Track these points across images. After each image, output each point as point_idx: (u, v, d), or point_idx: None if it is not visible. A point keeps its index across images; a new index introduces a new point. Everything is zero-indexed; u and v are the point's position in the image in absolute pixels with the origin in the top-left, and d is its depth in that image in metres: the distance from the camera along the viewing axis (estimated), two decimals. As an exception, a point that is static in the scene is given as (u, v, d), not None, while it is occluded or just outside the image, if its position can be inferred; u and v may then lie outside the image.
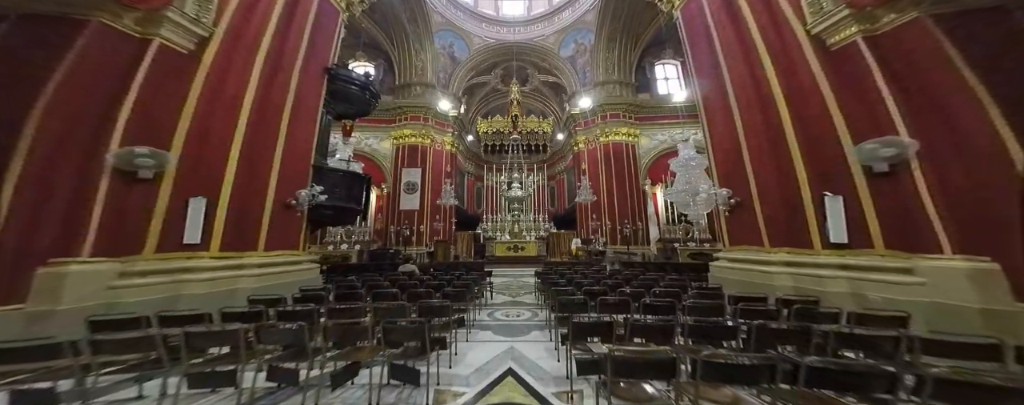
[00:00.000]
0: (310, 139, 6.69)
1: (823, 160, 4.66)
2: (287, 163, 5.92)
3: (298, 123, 6.31)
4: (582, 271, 8.25)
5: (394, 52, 16.49)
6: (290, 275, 5.79)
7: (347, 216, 7.38)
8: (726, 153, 6.28)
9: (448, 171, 16.37)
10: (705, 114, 7.05)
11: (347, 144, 12.26)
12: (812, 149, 4.80)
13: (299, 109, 6.31)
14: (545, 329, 5.46)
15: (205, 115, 4.83)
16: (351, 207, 7.20)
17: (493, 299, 8.07)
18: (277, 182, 5.67)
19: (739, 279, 5.53)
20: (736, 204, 5.82)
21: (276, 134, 5.76)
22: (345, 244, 14.76)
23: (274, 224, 5.57)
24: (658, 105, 15.93)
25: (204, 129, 4.80)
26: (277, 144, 5.75)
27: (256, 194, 5.36)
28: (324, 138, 7.53)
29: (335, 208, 6.94)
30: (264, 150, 5.56)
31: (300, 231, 6.29)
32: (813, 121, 4.76)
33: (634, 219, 14.87)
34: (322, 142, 7.50)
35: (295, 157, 6.19)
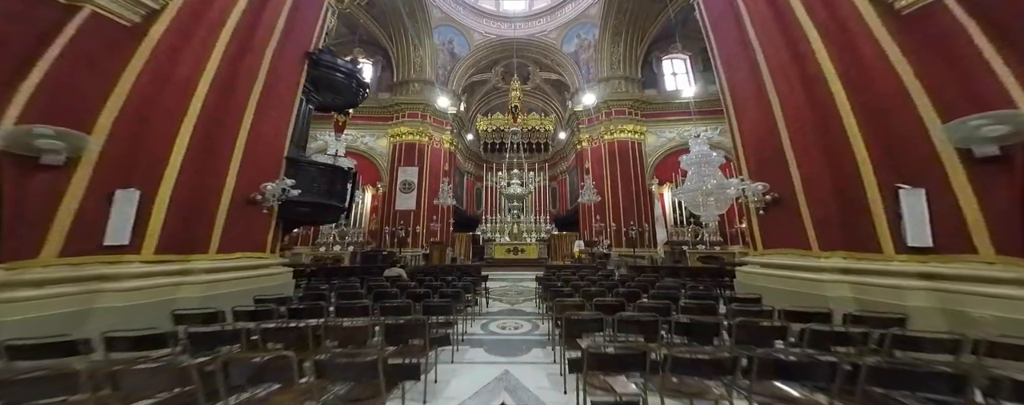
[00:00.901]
0: (284, 129, 5.80)
1: (895, 145, 3.69)
2: (253, 154, 5.02)
3: (269, 111, 5.41)
4: (588, 276, 7.27)
5: (392, 48, 15.69)
6: (252, 281, 4.86)
7: (328, 214, 6.47)
8: (759, 143, 5.31)
9: (446, 170, 15.47)
10: (731, 101, 6.09)
11: (339, 140, 11.44)
12: (879, 133, 3.83)
13: (271, 96, 5.42)
14: (547, 345, 4.51)
15: (147, 96, 3.93)
16: (332, 204, 6.28)
17: (489, 307, 7.10)
18: (239, 175, 4.76)
19: (779, 288, 4.54)
20: (773, 201, 4.85)
21: (239, 122, 4.86)
22: (338, 245, 13.89)
23: (233, 222, 4.66)
24: (666, 101, 14.98)
25: (144, 111, 3.90)
26: (240, 132, 4.84)
27: (210, 188, 4.45)
28: (303, 129, 6.64)
29: (312, 205, 6.02)
30: (223, 138, 4.66)
31: (268, 230, 5.37)
32: (880, 100, 3.80)
33: (640, 220, 13.87)
34: (301, 133, 6.60)
35: (264, 148, 5.29)
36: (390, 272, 6.87)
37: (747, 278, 5.40)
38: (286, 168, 5.73)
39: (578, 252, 13.97)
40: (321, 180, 6.18)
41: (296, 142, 6.38)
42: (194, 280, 4.13)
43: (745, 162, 5.54)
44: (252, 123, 5.03)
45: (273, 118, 5.54)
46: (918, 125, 3.49)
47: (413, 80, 15.55)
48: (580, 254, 13.85)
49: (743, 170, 5.52)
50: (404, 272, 7.00)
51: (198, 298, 4.07)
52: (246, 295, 4.41)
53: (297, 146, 6.47)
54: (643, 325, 3.15)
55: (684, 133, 14.35)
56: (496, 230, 15.81)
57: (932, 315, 3.23)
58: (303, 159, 6.15)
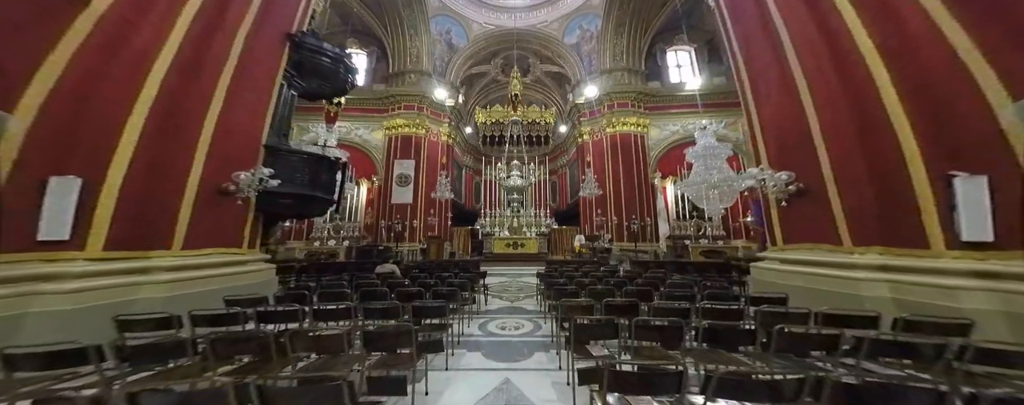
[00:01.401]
0: (261, 115, 5.25)
1: (947, 126, 3.19)
2: (224, 140, 4.48)
3: (245, 93, 4.86)
4: (592, 273, 6.81)
5: (387, 38, 15.02)
6: (227, 279, 4.36)
7: (314, 207, 5.95)
8: (781, 130, 4.80)
9: (444, 163, 14.93)
10: (749, 87, 5.55)
11: (330, 131, 10.90)
12: (925, 113, 3.33)
13: (246, 78, 4.87)
14: (551, 349, 4.06)
15: (91, 73, 3.38)
16: (317, 196, 5.76)
17: (487, 304, 6.64)
18: (207, 162, 4.23)
19: (803, 286, 4.08)
20: (797, 192, 4.36)
21: (206, 105, 4.31)
22: (333, 240, 13.39)
23: (202, 214, 4.14)
24: (670, 93, 14.41)
25: (86, 87, 3.35)
26: (208, 116, 4.30)
27: (172, 176, 3.92)
28: (284, 116, 6.09)
29: (296, 197, 5.50)
30: (187, 122, 4.12)
31: (245, 224, 4.85)
32: (930, 77, 3.29)
33: (642, 214, 13.40)
34: (282, 120, 6.06)
35: (237, 134, 4.75)
36: (382, 268, 6.38)
37: (764, 275, 4.94)
38: (265, 157, 5.20)
39: (579, 247, 13.52)
40: (304, 170, 5.65)
41: (277, 129, 5.84)
42: (155, 280, 3.63)
43: (765, 151, 5.03)
44: (223, 107, 4.48)
45: (249, 102, 5.00)
46: (976, 102, 2.99)
47: (409, 71, 14.92)
48: (581, 249, 13.40)
49: (762, 160, 5.01)
50: (397, 268, 6.52)
51: (162, 299, 3.58)
52: (219, 295, 3.92)
53: (278, 134, 5.93)
54: (663, 331, 2.68)
55: (688, 126, 13.81)
56: (495, 224, 15.31)
57: (993, 320, 2.76)
58: (284, 147, 5.61)
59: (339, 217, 13.80)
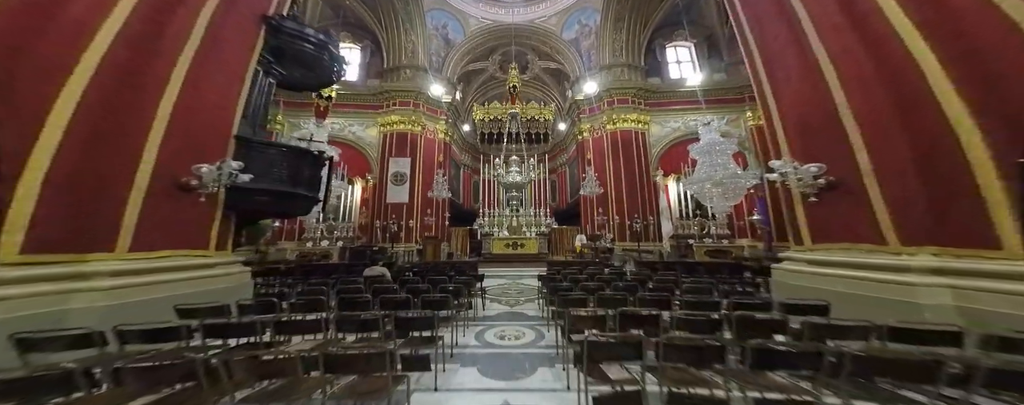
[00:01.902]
0: (232, 102, 4.66)
1: (1017, 107, 2.67)
2: (185, 128, 3.90)
3: (210, 78, 4.28)
4: (596, 274, 6.28)
5: (382, 32, 14.43)
6: (188, 284, 3.78)
7: (296, 205, 5.37)
8: (802, 117, 4.27)
9: (441, 161, 14.35)
10: (764, 71, 5.03)
11: (320, 126, 10.31)
12: (988, 90, 2.81)
13: (212, 61, 4.29)
14: (556, 363, 3.54)
15: (7, 39, 2.79)
16: (298, 193, 5.18)
17: (485, 309, 6.08)
18: (162, 152, 3.65)
19: (843, 291, 3.55)
20: (828, 185, 3.83)
21: (161, 87, 3.73)
22: (326, 241, 12.78)
23: (155, 212, 3.56)
24: (671, 89, 13.92)
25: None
26: (163, 100, 3.72)
27: (116, 166, 3.33)
28: (261, 105, 5.51)
29: (273, 194, 4.91)
30: (137, 105, 3.54)
31: (211, 223, 4.27)
32: (986, 50, 2.77)
33: (645, 213, 12.88)
34: (258, 110, 5.48)
35: (202, 122, 4.16)
36: (371, 271, 5.82)
37: (788, 277, 4.40)
38: (237, 150, 4.62)
39: (580, 246, 12.99)
40: (284, 165, 5.07)
41: (252, 120, 5.26)
42: (93, 286, 3.04)
43: (786, 142, 4.50)
44: (185, 90, 3.90)
45: (217, 87, 4.42)
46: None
47: (405, 66, 14.34)
48: (582, 249, 12.88)
49: (783, 151, 4.48)
50: (388, 271, 5.96)
51: (100, 310, 3.00)
52: (178, 302, 3.34)
53: (254, 125, 5.35)
54: (700, 352, 2.13)
55: (690, 122, 13.32)
56: (494, 224, 14.75)
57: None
58: (259, 140, 5.03)
59: (332, 217, 13.21)
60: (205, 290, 3.93)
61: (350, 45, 14.80)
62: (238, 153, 4.65)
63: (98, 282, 3.08)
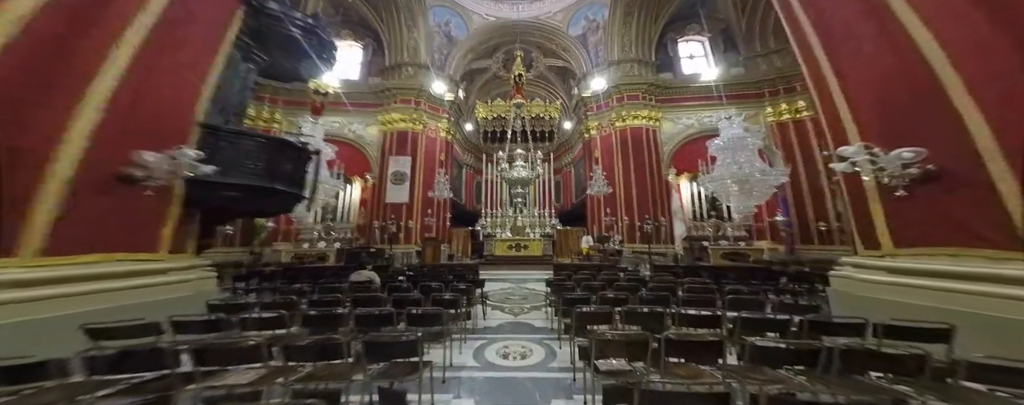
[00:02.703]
0: (195, 85, 3.96)
1: None
2: (132, 109, 3.20)
3: (168, 57, 3.61)
4: (610, 278, 5.48)
5: (383, 30, 13.83)
6: (128, 294, 3.06)
7: (273, 202, 4.66)
8: (882, 96, 3.41)
9: (442, 160, 13.65)
10: (821, 46, 4.12)
11: (315, 122, 9.66)
12: None
13: (174, 38, 3.63)
14: (574, 393, 2.79)
15: None
16: (277, 189, 4.47)
17: (486, 319, 5.31)
18: (99, 136, 2.94)
19: (938, 307, 2.71)
20: (924, 175, 2.98)
21: (101, 56, 3.04)
22: (322, 242, 12.11)
23: (84, 207, 2.86)
24: (683, 85, 13.09)
25: None
26: (103, 72, 3.03)
27: (26, 150, 2.63)
28: (237, 92, 4.83)
29: (246, 189, 4.20)
30: (64, 76, 2.85)
31: (164, 221, 3.56)
32: None
33: (656, 214, 12.02)
34: (232, 96, 4.80)
35: (156, 103, 3.47)
36: (358, 276, 5.07)
37: (854, 288, 3.56)
38: (204, 139, 3.93)
39: (586, 249, 12.16)
40: (260, 157, 4.36)
41: (224, 107, 4.58)
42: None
43: (856, 127, 3.62)
44: (133, 67, 3.21)
45: (178, 67, 3.73)
46: None
47: (406, 64, 13.71)
48: (588, 251, 12.04)
49: (852, 137, 3.62)
50: (377, 277, 5.21)
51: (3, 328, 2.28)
52: (115, 316, 2.62)
53: (227, 113, 4.67)
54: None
55: (704, 119, 12.49)
56: (497, 225, 13.97)
57: None
58: (229, 128, 4.32)
59: (330, 217, 12.56)
60: (155, 300, 3.22)
61: (351, 43, 14.23)
62: (204, 142, 3.96)
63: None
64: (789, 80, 11.59)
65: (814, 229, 10.38)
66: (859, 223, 3.70)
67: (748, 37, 12.48)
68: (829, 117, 4.04)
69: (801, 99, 11.29)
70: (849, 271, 3.73)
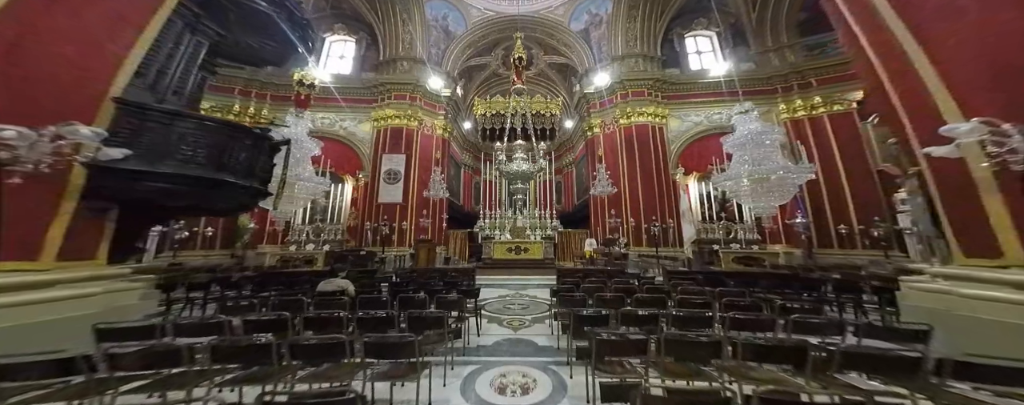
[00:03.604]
0: (114, 53, 3.09)
1: None
2: (5, 70, 2.35)
3: (67, 16, 2.76)
4: (628, 288, 4.60)
5: (378, 24, 13.04)
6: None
7: (221, 196, 3.75)
8: (996, 61, 2.55)
9: (438, 159, 12.78)
10: (895, 13, 3.27)
11: (300, 115, 8.79)
12: None
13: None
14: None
15: None
16: (225, 181, 3.59)
17: (481, 335, 4.41)
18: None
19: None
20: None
21: None
22: (311, 244, 11.21)
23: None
24: (691, 81, 12.28)
25: None
26: None
27: None
28: (173, 66, 3.94)
29: (180, 180, 3.32)
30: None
31: (47, 220, 2.66)
32: None
33: (664, 216, 11.14)
34: (173, 74, 3.92)
35: (47, 73, 2.62)
36: (326, 286, 4.17)
37: (957, 306, 2.68)
38: (124, 118, 3.06)
39: (590, 252, 11.26)
40: (202, 143, 3.48)
41: (159, 84, 3.71)
42: None
43: (954, 102, 2.73)
44: (11, 21, 2.35)
45: (84, 29, 2.87)
46: None
47: (401, 58, 12.90)
48: (592, 254, 11.15)
49: (949, 113, 2.75)
50: (350, 286, 4.30)
51: None
52: None
53: (164, 92, 3.80)
54: None
55: (713, 116, 11.67)
56: (496, 227, 13.06)
57: None
58: (159, 107, 3.42)
59: (320, 218, 11.66)
60: (31, 324, 2.32)
61: (344, 37, 13.45)
62: (127, 123, 3.09)
63: None
64: (804, 75, 10.79)
65: (834, 232, 9.50)
66: (961, 224, 2.81)
67: (759, 31, 11.70)
68: (906, 98, 3.15)
69: (817, 95, 10.48)
70: (941, 284, 2.84)
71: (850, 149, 9.68)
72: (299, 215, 11.60)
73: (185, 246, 10.15)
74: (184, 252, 10.09)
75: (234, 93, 11.34)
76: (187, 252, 10.16)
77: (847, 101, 10.02)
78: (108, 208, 3.10)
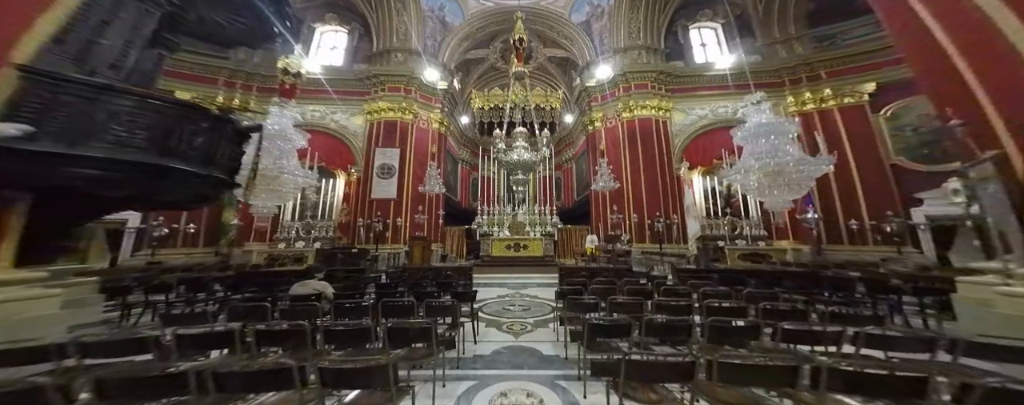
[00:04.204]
0: (23, 13, 2.49)
1: None
2: None
3: None
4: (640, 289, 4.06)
5: (371, 13, 12.34)
6: None
7: (168, 186, 3.10)
8: None
9: (434, 152, 12.15)
10: None
11: (284, 104, 8.10)
12: None
13: None
14: None
15: None
16: (174, 168, 2.97)
17: (477, 342, 3.84)
18: None
19: None
20: None
21: None
22: (302, 241, 10.56)
23: None
24: (696, 73, 11.72)
25: None
26: None
27: None
28: (111, 36, 3.30)
29: (114, 165, 2.70)
30: None
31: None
32: None
33: (668, 211, 10.62)
34: (103, 41, 3.28)
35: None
36: (300, 289, 3.57)
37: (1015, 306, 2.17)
38: (30, 89, 2.45)
39: (591, 249, 10.72)
40: (141, 124, 2.85)
41: (87, 55, 3.08)
42: None
43: None
44: None
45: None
46: None
47: (396, 49, 12.22)
48: (594, 251, 10.61)
49: None
50: (328, 288, 3.71)
51: None
52: None
53: (97, 65, 3.16)
54: None
55: (718, 109, 11.14)
56: (494, 223, 12.47)
57: None
58: (83, 79, 2.79)
59: (310, 214, 11.00)
60: None
61: (337, 28, 12.73)
62: (34, 96, 2.47)
63: None
64: (813, 67, 10.28)
65: (844, 227, 9.03)
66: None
67: (766, 22, 11.16)
68: (987, 72, 2.60)
69: (827, 87, 9.98)
70: (999, 283, 2.31)
71: (861, 142, 9.20)
72: (288, 211, 10.96)
73: (165, 244, 9.46)
74: (164, 250, 9.41)
75: (218, 84, 10.62)
76: (167, 250, 9.48)
77: (859, 93, 9.52)
78: (15, 198, 2.47)
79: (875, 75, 9.27)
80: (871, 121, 9.17)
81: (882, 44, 8.99)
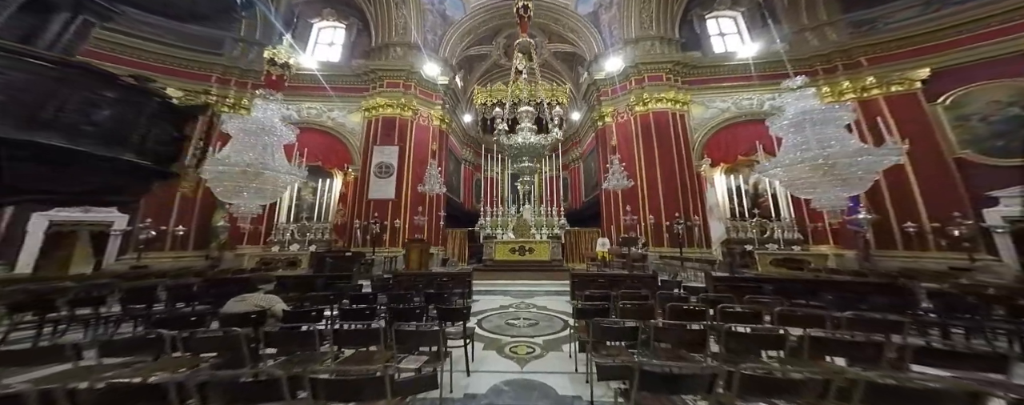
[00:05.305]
0: None
1: None
2: None
3: None
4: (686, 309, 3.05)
5: (369, 7, 11.72)
6: None
7: (77, 177, 2.32)
8: None
9: (435, 151, 11.31)
10: None
11: (270, 97, 7.34)
12: None
13: None
14: None
15: None
16: (84, 153, 2.14)
17: (471, 373, 2.86)
18: None
19: None
20: None
21: None
22: (296, 244, 9.81)
23: None
24: (716, 64, 10.69)
25: None
26: None
27: None
28: None
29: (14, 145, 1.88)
30: None
31: None
32: None
33: (688, 213, 9.52)
34: None
35: None
36: (236, 307, 2.66)
37: None
38: None
39: (603, 253, 9.68)
40: (31, 92, 2.04)
41: None
42: None
43: None
44: None
45: None
46: None
47: (395, 44, 11.52)
48: (606, 255, 9.57)
49: None
50: (279, 304, 2.80)
51: None
52: None
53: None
54: None
55: (742, 101, 10.06)
56: (498, 225, 11.52)
57: None
58: None
59: (306, 216, 10.26)
60: None
61: (334, 23, 12.14)
62: None
63: None
64: (850, 54, 9.14)
65: (898, 230, 7.79)
66: None
67: (793, 8, 10.08)
68: None
69: (870, 74, 8.81)
70: None
71: (915, 134, 7.96)
72: (283, 212, 10.24)
73: (152, 247, 8.78)
74: (152, 253, 8.72)
75: (211, 81, 10.04)
76: (155, 253, 8.79)
77: (908, 80, 8.33)
78: None
79: (928, 60, 8.09)
80: (926, 110, 7.96)
81: (936, 26, 7.86)
